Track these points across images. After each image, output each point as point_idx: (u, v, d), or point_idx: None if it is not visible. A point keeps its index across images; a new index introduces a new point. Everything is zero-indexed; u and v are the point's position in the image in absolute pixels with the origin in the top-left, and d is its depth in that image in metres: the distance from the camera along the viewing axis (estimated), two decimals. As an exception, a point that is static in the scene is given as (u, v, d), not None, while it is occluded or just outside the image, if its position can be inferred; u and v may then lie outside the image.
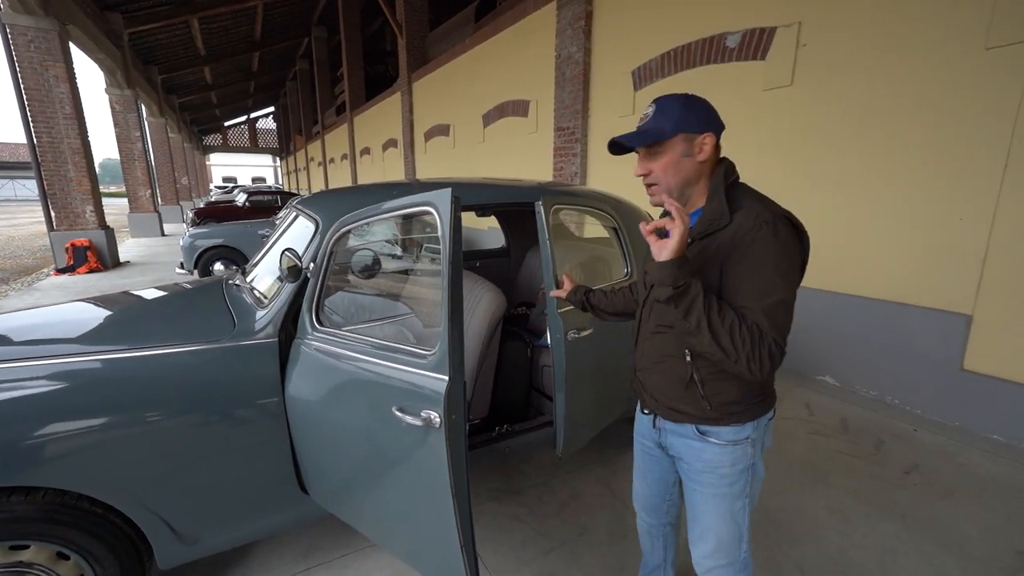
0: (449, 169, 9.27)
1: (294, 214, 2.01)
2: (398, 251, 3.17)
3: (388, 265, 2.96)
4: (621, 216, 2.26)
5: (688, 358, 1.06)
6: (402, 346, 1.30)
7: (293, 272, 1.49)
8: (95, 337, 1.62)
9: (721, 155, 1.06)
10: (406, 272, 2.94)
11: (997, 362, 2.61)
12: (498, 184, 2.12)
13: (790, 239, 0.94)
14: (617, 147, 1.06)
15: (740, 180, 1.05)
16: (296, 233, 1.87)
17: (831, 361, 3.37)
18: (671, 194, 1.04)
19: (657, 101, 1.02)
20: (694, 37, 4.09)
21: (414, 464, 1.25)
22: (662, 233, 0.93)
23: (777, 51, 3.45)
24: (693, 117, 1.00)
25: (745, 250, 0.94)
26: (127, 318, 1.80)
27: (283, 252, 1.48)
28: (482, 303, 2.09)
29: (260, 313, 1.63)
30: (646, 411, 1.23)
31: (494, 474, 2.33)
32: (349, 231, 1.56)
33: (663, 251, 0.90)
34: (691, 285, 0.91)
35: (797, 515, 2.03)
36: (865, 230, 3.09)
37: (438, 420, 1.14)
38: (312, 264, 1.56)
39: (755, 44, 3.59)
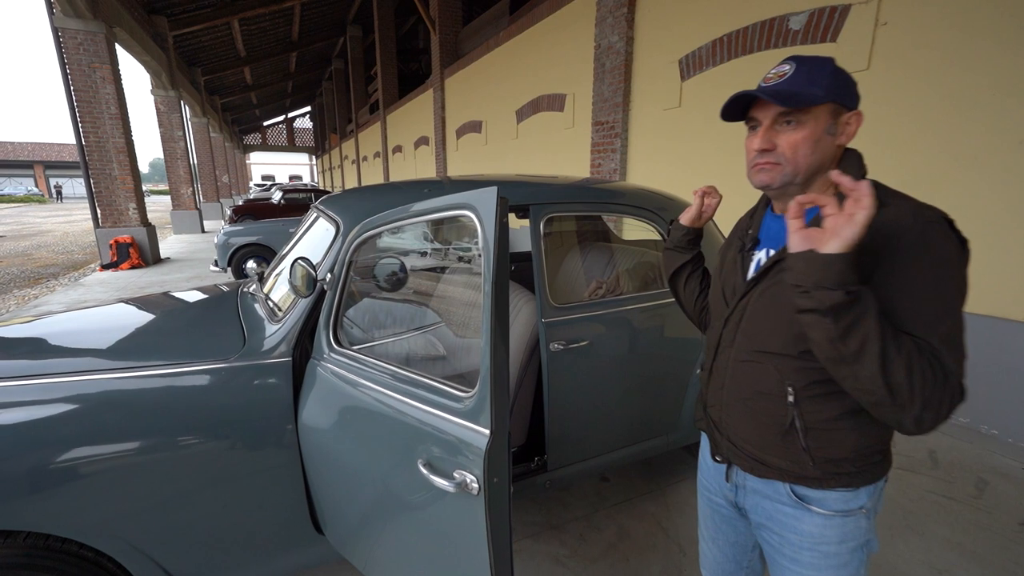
0: (481, 167, 9.08)
1: (315, 215, 1.83)
2: (425, 247, 2.98)
3: (414, 263, 2.77)
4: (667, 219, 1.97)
5: (791, 398, 0.80)
6: (433, 381, 1.05)
7: (307, 284, 1.29)
8: (87, 353, 1.46)
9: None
10: (434, 270, 2.74)
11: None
12: (550, 183, 1.87)
13: (962, 247, 0.70)
14: (733, 110, 0.83)
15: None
16: (316, 236, 1.69)
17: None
18: (794, 180, 0.79)
19: (796, 58, 0.77)
20: (751, 20, 3.73)
21: (445, 531, 1.01)
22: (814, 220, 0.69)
23: (851, 32, 3.06)
24: (845, 87, 0.76)
25: (910, 257, 0.69)
26: (127, 331, 1.64)
27: (295, 262, 1.28)
28: (521, 314, 1.86)
29: (273, 328, 1.44)
30: (718, 459, 0.96)
31: (530, 503, 2.09)
32: (372, 236, 1.34)
33: (830, 239, 0.64)
34: (862, 294, 0.65)
35: (891, 572, 1.71)
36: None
37: (476, 485, 0.88)
38: (330, 275, 1.36)
39: (824, 25, 3.21)
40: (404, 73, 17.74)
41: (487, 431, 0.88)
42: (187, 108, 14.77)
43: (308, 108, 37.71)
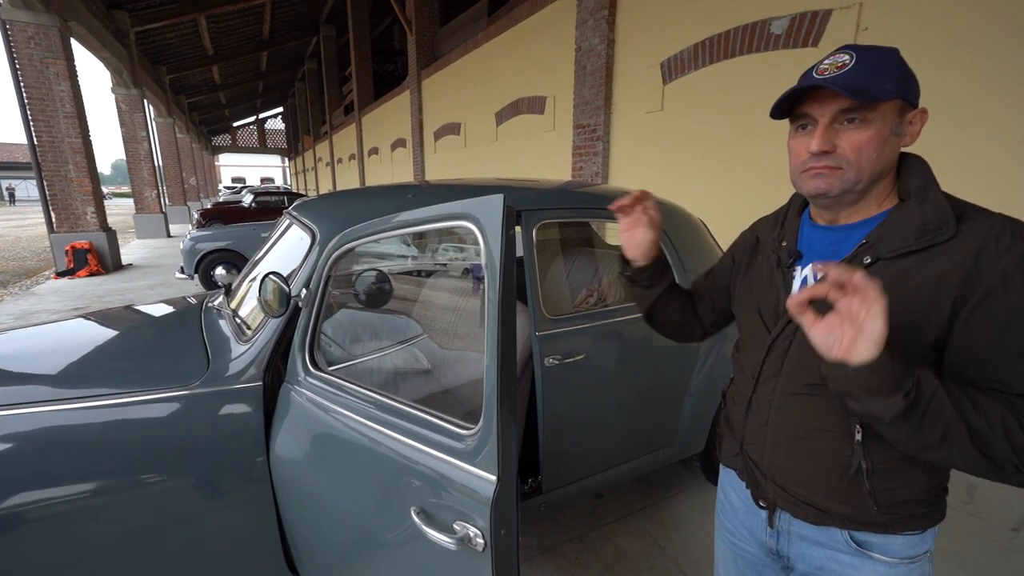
0: (460, 170, 8.95)
1: (288, 222, 1.69)
2: (408, 252, 2.85)
3: (391, 265, 2.63)
4: (663, 225, 1.90)
5: (858, 436, 0.68)
6: (428, 415, 0.90)
7: (280, 301, 1.16)
8: (25, 380, 1.28)
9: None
10: (412, 274, 2.61)
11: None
12: (539, 187, 1.78)
13: None
14: (782, 107, 0.70)
15: None
16: (289, 246, 1.55)
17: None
18: (855, 187, 0.67)
19: (855, 47, 0.65)
20: (732, 24, 3.73)
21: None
22: (822, 307, 0.58)
23: (832, 36, 3.08)
24: (910, 81, 0.66)
25: (1011, 284, 0.58)
26: (75, 354, 1.45)
27: (265, 277, 1.15)
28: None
29: (241, 349, 1.30)
30: (762, 504, 0.83)
31: (521, 525, 1.99)
32: (353, 249, 1.22)
33: (853, 348, 0.54)
34: (921, 384, 0.56)
35: (894, 589, 1.67)
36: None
37: (481, 541, 0.75)
38: (305, 290, 1.23)
39: (806, 29, 3.22)
40: (379, 74, 17.46)
41: (493, 477, 0.75)
42: (151, 107, 14.15)
43: (280, 109, 36.83)
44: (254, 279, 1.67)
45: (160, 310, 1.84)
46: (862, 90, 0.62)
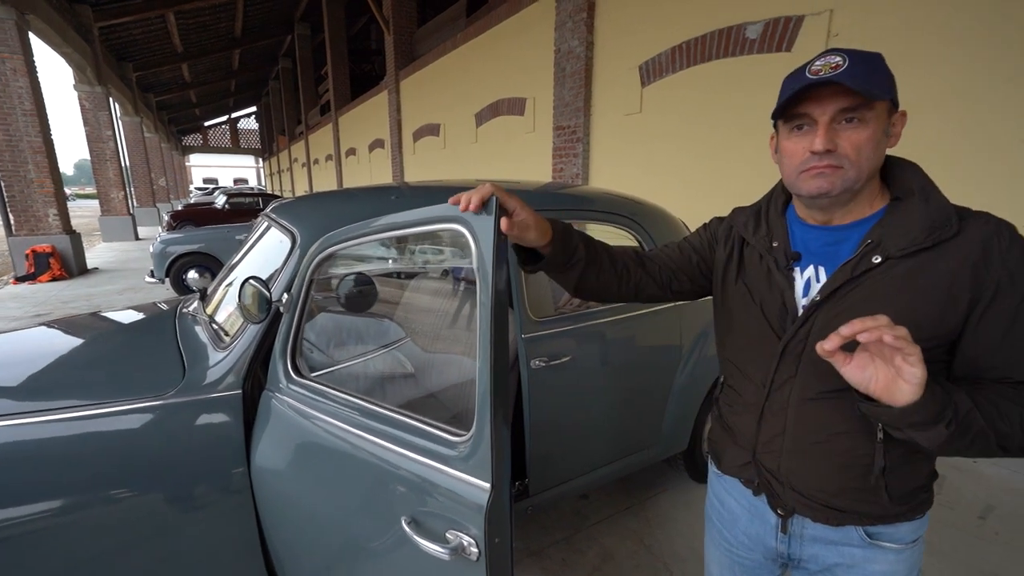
0: (440, 171, 8.90)
1: (265, 224, 1.64)
2: (389, 254, 2.80)
3: (372, 267, 2.58)
4: (645, 225, 1.92)
5: (880, 434, 0.70)
6: (417, 422, 0.88)
7: (260, 307, 1.12)
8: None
9: None
10: (397, 276, 2.58)
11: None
12: (522, 188, 1.77)
13: None
14: (785, 107, 0.69)
15: None
16: (267, 250, 1.51)
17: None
18: (855, 186, 0.68)
19: (844, 51, 0.66)
20: (709, 28, 3.80)
21: None
22: (850, 347, 0.58)
23: (805, 42, 3.16)
24: (894, 85, 0.67)
25: (1018, 280, 0.62)
26: (40, 363, 1.38)
27: (245, 282, 1.11)
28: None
29: (219, 356, 1.26)
30: (780, 512, 0.80)
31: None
32: (335, 253, 1.19)
33: (901, 388, 0.56)
34: (958, 409, 0.58)
35: (871, 579, 1.72)
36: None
37: (475, 550, 0.73)
38: (287, 295, 1.20)
39: (779, 34, 3.31)
40: (356, 74, 17.22)
41: (487, 484, 0.73)
42: (117, 105, 13.65)
43: (253, 108, 36.00)
44: (231, 283, 1.62)
45: (131, 316, 1.77)
46: (866, 89, 0.63)
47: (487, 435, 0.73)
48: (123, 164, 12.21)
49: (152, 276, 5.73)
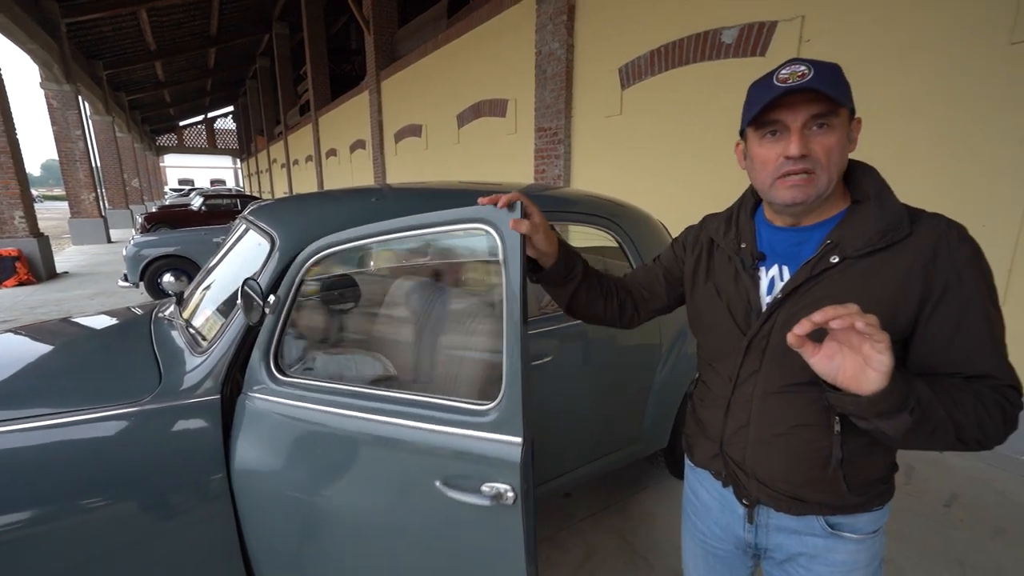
0: (423, 172, 8.86)
1: (243, 227, 1.62)
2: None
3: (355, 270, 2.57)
4: (626, 227, 1.95)
5: (837, 427, 0.73)
6: (440, 400, 0.98)
7: (254, 312, 1.13)
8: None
9: None
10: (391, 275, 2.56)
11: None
12: (503, 191, 1.78)
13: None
14: (759, 114, 0.71)
15: None
16: (246, 252, 1.49)
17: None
18: (826, 191, 0.71)
19: (807, 60, 0.69)
20: (686, 32, 3.87)
21: (469, 552, 0.96)
22: (817, 338, 0.62)
23: (778, 47, 3.25)
24: (851, 93, 0.70)
25: (959, 278, 0.66)
26: (9, 370, 1.34)
27: (244, 284, 1.11)
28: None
29: (196, 361, 1.24)
30: (745, 502, 0.84)
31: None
32: (330, 256, 1.18)
33: (868, 376, 0.58)
34: (920, 397, 0.60)
35: (844, 567, 1.77)
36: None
37: (512, 495, 0.86)
38: (273, 297, 1.19)
39: (754, 40, 3.39)
40: (336, 74, 17.02)
41: (519, 439, 0.86)
42: (87, 104, 13.24)
43: (231, 108, 35.28)
44: (209, 287, 1.60)
45: (103, 322, 1.73)
46: (836, 95, 0.66)
47: (518, 398, 0.85)
48: (94, 165, 11.85)
49: (125, 280, 5.58)
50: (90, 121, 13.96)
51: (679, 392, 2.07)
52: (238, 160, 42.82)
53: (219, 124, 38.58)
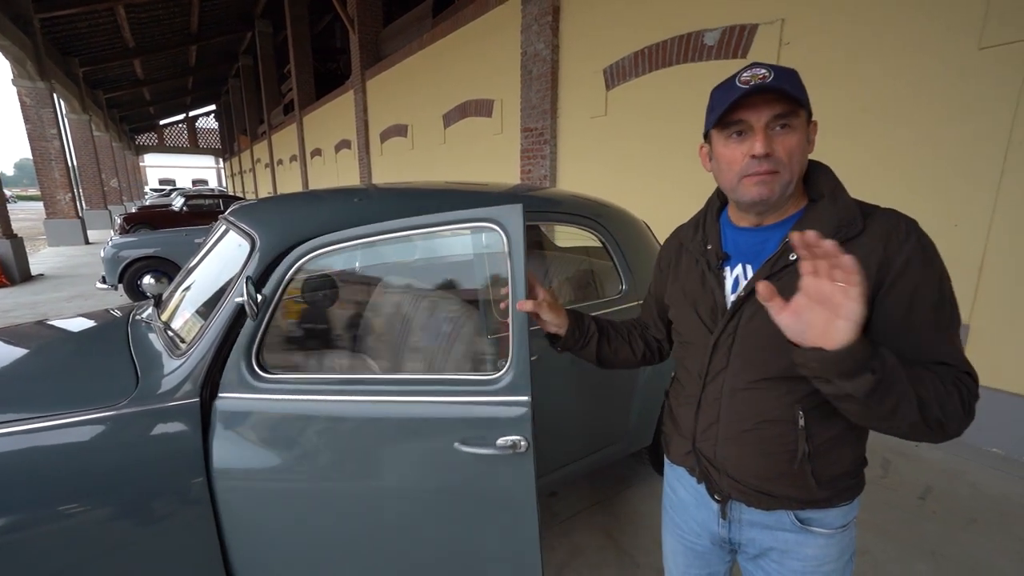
0: (409, 172, 8.82)
1: (223, 227, 1.60)
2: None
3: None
4: (609, 227, 1.97)
5: (801, 421, 0.75)
6: (446, 376, 1.15)
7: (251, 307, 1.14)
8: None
9: None
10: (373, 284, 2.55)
11: (995, 373, 2.53)
12: (491, 191, 1.79)
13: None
14: (723, 115, 0.73)
15: None
16: (225, 253, 1.47)
17: (820, 372, 3.25)
18: (788, 189, 0.73)
19: (767, 65, 0.71)
20: (670, 34, 3.92)
21: (486, 499, 1.12)
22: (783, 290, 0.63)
23: (759, 49, 3.31)
24: (807, 98, 0.73)
25: (906, 270, 0.68)
26: None
27: (247, 281, 1.13)
28: (464, 331, 1.76)
29: (175, 363, 1.22)
30: (717, 498, 0.86)
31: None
32: (321, 256, 1.21)
33: (838, 328, 0.57)
34: (884, 359, 0.60)
35: (823, 560, 1.81)
36: (854, 236, 2.97)
37: (524, 443, 1.05)
38: (260, 296, 1.18)
39: (735, 42, 3.44)
40: (321, 73, 16.85)
41: (527, 398, 1.05)
42: (62, 102, 12.91)
43: (213, 107, 34.70)
44: (188, 289, 1.58)
45: (79, 325, 1.69)
46: (796, 96, 0.69)
47: (524, 365, 1.04)
48: (70, 164, 11.55)
49: (104, 282, 5.46)
50: (66, 119, 13.63)
51: (663, 390, 2.08)
52: (221, 160, 42.14)
53: (201, 123, 37.91)
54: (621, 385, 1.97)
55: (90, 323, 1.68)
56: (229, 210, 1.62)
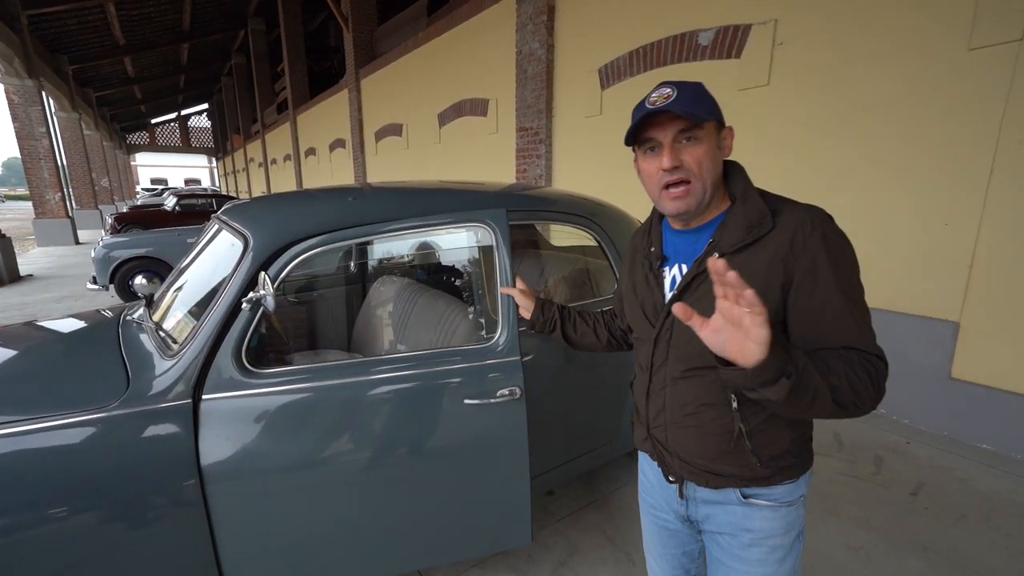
0: (404, 171, 8.79)
1: (216, 227, 1.59)
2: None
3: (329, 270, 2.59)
4: (605, 226, 1.97)
5: (735, 404, 0.82)
6: (450, 349, 1.40)
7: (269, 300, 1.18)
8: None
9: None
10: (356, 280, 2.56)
11: (985, 370, 2.55)
12: (485, 190, 1.78)
13: (847, 240, 0.79)
14: (632, 135, 0.83)
15: None
16: (218, 253, 1.46)
17: (813, 370, 3.27)
18: (704, 197, 0.81)
19: (670, 83, 0.80)
20: (664, 34, 3.93)
21: (487, 445, 1.35)
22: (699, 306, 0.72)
23: (752, 49, 3.32)
24: (717, 107, 0.81)
25: (814, 263, 0.74)
26: None
27: (263, 276, 1.16)
28: (459, 330, 1.75)
29: (167, 364, 1.21)
30: (671, 479, 0.94)
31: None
32: (317, 254, 1.27)
33: (750, 349, 0.61)
34: (797, 364, 0.65)
35: (817, 557, 1.83)
36: (848, 234, 2.99)
37: (519, 391, 1.33)
38: (252, 294, 1.18)
39: (729, 42, 3.46)
40: (315, 71, 16.74)
41: (518, 357, 1.37)
42: (51, 100, 12.76)
43: (205, 105, 34.41)
44: (180, 289, 1.56)
45: (69, 325, 1.67)
46: (691, 113, 0.76)
47: (514, 332, 1.36)
48: (59, 163, 11.41)
49: (94, 283, 5.40)
50: (55, 118, 13.47)
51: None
52: (213, 159, 41.81)
53: (193, 122, 37.58)
54: (614, 384, 1.98)
55: (80, 324, 1.67)
56: (221, 210, 1.61)
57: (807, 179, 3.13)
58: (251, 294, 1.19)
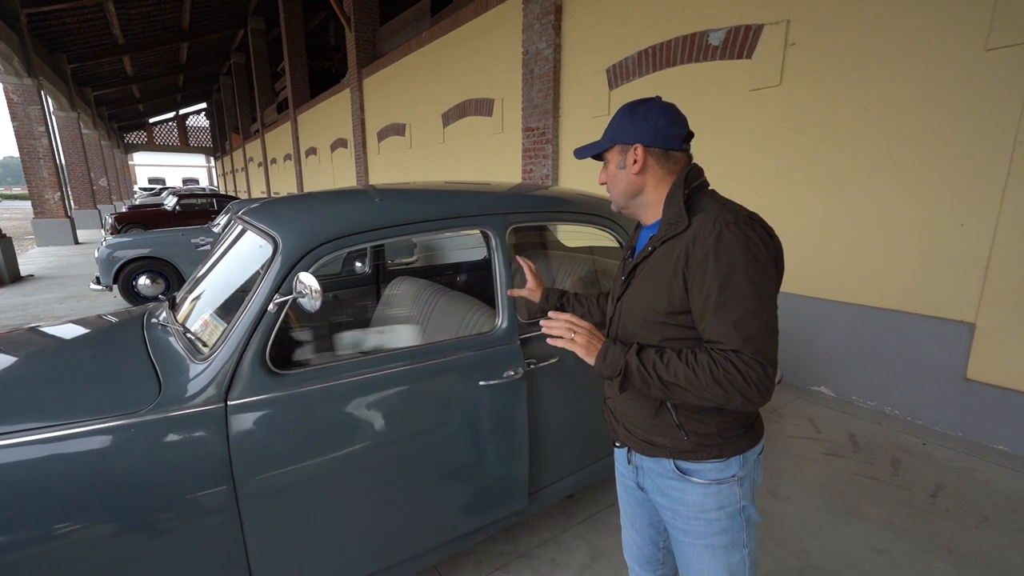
0: (406, 172, 8.76)
1: (240, 228, 1.57)
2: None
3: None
4: (624, 224, 1.95)
5: None
6: (460, 338, 1.52)
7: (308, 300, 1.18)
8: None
9: (691, 160, 0.98)
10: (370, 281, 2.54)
11: (1001, 371, 2.55)
12: (495, 191, 1.76)
13: (756, 242, 0.82)
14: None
15: (709, 187, 0.96)
16: (244, 255, 1.44)
17: (826, 371, 3.27)
18: (619, 206, 1.01)
19: (620, 109, 0.97)
20: (674, 34, 3.91)
21: (494, 416, 1.50)
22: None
23: (764, 50, 3.31)
24: (632, 127, 0.93)
25: (704, 259, 0.82)
26: None
27: (297, 280, 1.16)
28: (480, 330, 1.73)
29: (199, 368, 1.19)
30: (617, 444, 1.10)
31: (496, 532, 1.97)
32: (332, 256, 1.26)
33: (587, 358, 0.93)
34: (628, 367, 0.87)
35: (841, 559, 1.82)
36: (862, 236, 2.99)
37: (521, 370, 1.51)
38: (279, 297, 1.16)
39: (740, 42, 3.45)
40: (316, 71, 16.69)
41: (518, 343, 1.54)
42: (50, 99, 12.68)
43: (204, 105, 34.27)
44: (205, 290, 1.54)
45: (92, 328, 1.65)
46: (586, 150, 1.01)
47: (513, 321, 1.54)
48: (58, 163, 11.34)
49: (98, 283, 5.37)
50: (54, 117, 13.40)
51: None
52: (212, 158, 41.66)
53: (192, 121, 37.42)
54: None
55: (103, 326, 1.64)
56: (244, 210, 1.59)
57: (820, 179, 3.12)
58: (290, 295, 1.17)
